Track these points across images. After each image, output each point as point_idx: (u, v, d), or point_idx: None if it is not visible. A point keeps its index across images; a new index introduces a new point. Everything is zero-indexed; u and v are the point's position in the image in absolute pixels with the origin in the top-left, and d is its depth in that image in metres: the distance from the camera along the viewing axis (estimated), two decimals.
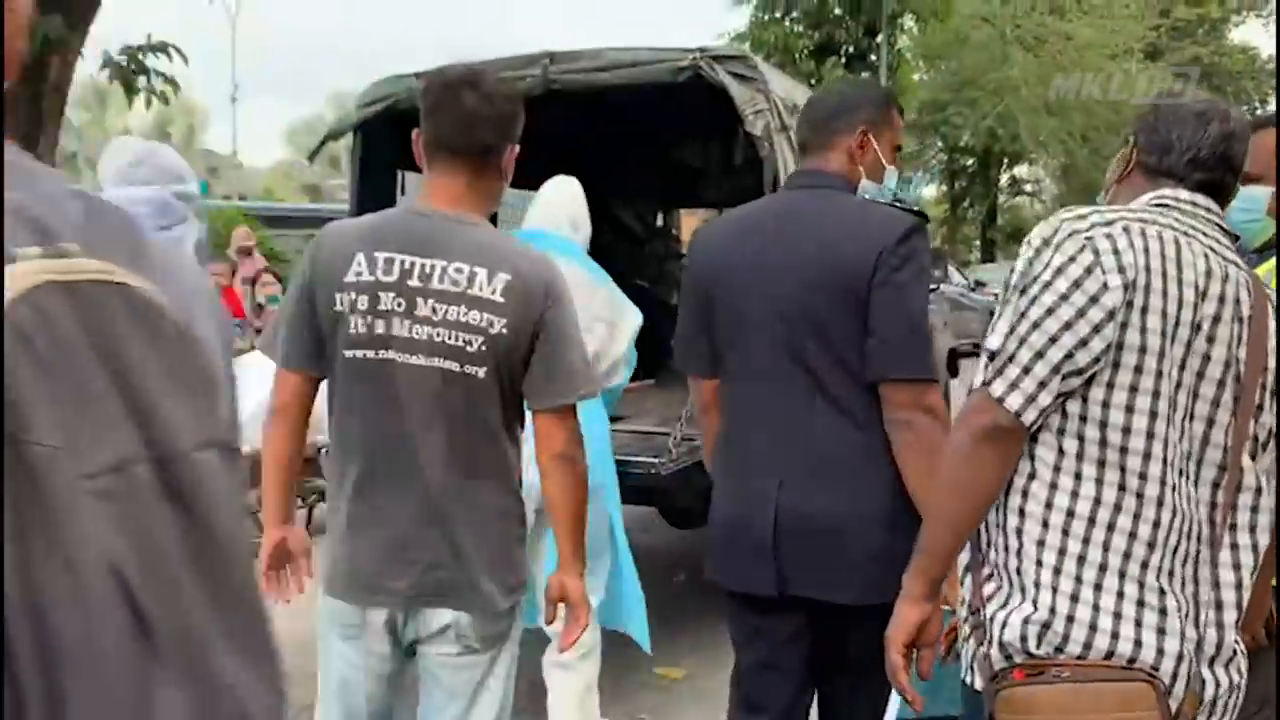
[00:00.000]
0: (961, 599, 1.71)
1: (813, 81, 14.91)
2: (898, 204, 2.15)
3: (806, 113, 2.22)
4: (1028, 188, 34.75)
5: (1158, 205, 1.64)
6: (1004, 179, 32.45)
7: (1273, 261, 2.10)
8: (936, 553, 1.64)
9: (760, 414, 2.10)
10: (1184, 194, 1.65)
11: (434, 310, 1.92)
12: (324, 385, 2.08)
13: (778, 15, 19.27)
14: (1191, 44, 29.46)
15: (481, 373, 1.94)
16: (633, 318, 3.33)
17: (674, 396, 4.22)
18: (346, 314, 1.94)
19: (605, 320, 3.20)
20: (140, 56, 7.95)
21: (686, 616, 4.33)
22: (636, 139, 5.91)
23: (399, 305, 1.92)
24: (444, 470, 1.96)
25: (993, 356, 1.55)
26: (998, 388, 1.51)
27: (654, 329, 5.11)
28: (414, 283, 1.92)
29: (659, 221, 6.50)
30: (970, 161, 30.57)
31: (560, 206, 3.52)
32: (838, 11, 18.93)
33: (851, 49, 18.94)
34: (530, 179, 6.42)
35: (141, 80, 8.06)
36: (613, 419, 4.28)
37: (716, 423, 2.21)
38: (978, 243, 33.19)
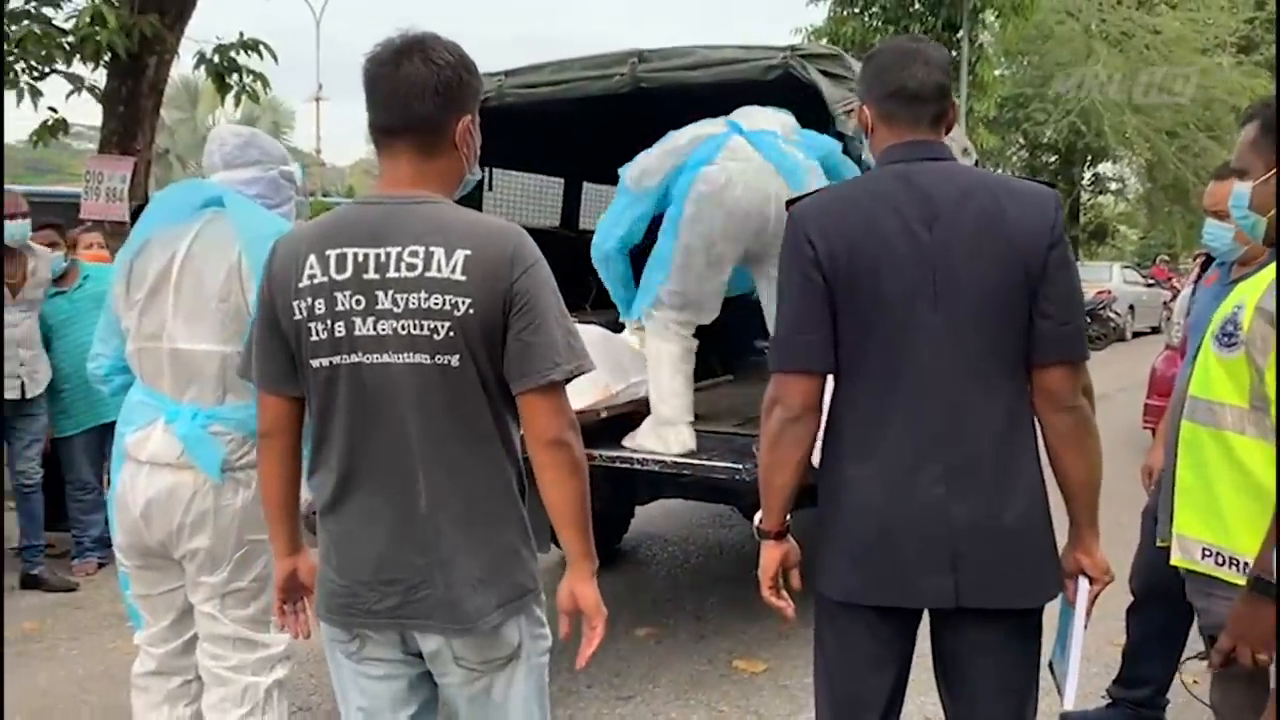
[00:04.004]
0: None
1: None
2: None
3: (896, 77, 1.98)
4: (1111, 185, 33.94)
5: None
6: (1087, 176, 31.69)
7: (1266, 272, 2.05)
8: None
9: (910, 410, 1.91)
10: None
11: (395, 302, 1.74)
12: None
13: (856, 10, 19.05)
14: None
15: (455, 361, 1.75)
16: None
17: (753, 394, 4.21)
18: (306, 321, 1.78)
19: None
20: (233, 54, 8.20)
21: (767, 611, 4.31)
22: None
23: (358, 303, 1.75)
24: (425, 477, 1.79)
25: None
26: None
27: (734, 326, 5.13)
28: (370, 275, 1.75)
29: None
30: (1052, 159, 29.92)
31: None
32: (918, 6, 18.64)
33: None
34: (616, 176, 6.46)
35: (234, 77, 8.31)
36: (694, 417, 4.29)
37: (817, 425, 2.00)
38: None
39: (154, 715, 2.68)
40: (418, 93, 1.77)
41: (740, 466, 3.57)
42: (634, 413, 4.03)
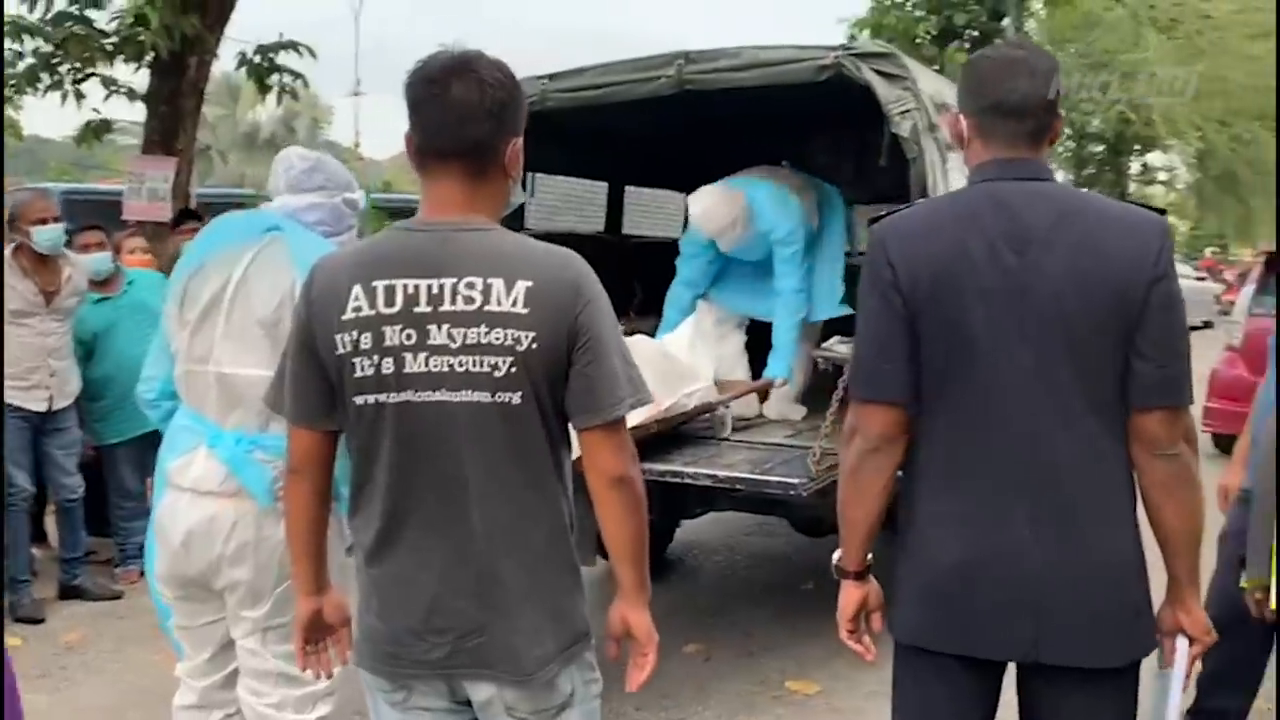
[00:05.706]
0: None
1: (936, 68, 14.46)
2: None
3: (995, 90, 1.83)
4: (1161, 175, 33.27)
5: None
6: (1135, 166, 31.10)
7: None
8: None
9: (992, 448, 1.80)
10: None
11: (450, 336, 1.65)
12: None
13: (899, 0, 18.78)
14: None
15: (517, 399, 1.66)
16: None
17: (810, 405, 4.09)
18: (350, 356, 1.68)
19: None
20: (272, 55, 8.19)
21: (818, 628, 4.15)
22: (773, 140, 5.76)
23: (408, 338, 1.66)
24: (481, 519, 1.70)
25: None
26: None
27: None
28: (422, 308, 1.65)
29: None
30: (1099, 148, 29.39)
31: None
32: None
33: (976, 33, 18.33)
34: (665, 178, 6.36)
35: (274, 78, 8.31)
36: (744, 426, 4.20)
37: (899, 456, 1.88)
38: None
39: None
40: (471, 115, 1.68)
41: (795, 482, 3.46)
42: (688, 424, 3.93)
